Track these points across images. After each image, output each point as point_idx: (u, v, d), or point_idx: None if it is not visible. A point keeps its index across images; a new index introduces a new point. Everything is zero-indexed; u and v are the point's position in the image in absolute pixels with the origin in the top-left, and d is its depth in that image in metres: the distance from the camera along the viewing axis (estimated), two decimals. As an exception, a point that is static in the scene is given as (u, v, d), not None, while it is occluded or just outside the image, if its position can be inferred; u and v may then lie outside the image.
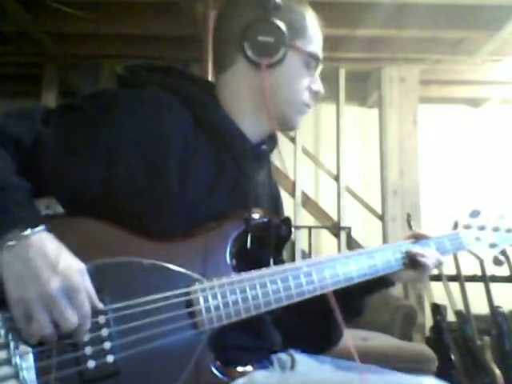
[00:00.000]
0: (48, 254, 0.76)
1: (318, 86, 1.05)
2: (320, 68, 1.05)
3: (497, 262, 1.25)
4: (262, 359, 0.97)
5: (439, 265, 1.11)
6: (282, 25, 0.97)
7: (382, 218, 4.04)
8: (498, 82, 4.49)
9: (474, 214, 1.22)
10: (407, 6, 3.39)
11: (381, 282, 1.09)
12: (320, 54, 1.04)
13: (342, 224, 4.03)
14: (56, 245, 0.78)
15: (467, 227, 1.20)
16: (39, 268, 0.75)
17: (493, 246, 1.21)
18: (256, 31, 0.97)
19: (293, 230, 1.04)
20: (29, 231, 0.76)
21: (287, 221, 1.03)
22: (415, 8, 3.39)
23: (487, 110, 4.94)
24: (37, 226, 0.78)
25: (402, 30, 3.57)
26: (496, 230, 1.21)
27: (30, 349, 0.75)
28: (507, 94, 4.63)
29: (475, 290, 3.32)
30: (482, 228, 1.20)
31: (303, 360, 1.02)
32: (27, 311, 0.74)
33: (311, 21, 1.03)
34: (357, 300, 1.10)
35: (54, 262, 0.75)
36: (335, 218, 4.10)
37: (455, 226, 1.21)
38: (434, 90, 4.63)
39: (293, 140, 4.07)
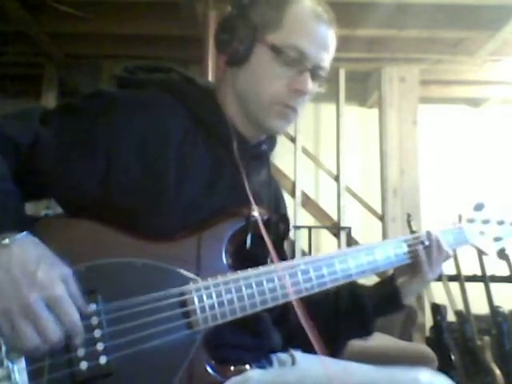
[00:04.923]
0: (27, 265, 0.73)
1: (299, 84, 0.94)
2: (309, 63, 0.95)
3: (501, 255, 1.22)
4: (260, 359, 0.97)
5: (445, 259, 1.10)
6: (245, 21, 0.95)
7: (382, 218, 4.03)
8: (498, 81, 4.49)
9: (478, 207, 1.19)
10: (407, 6, 3.39)
11: (392, 305, 1.12)
12: (305, 47, 0.93)
13: (342, 224, 4.03)
14: (38, 252, 0.76)
15: (471, 221, 1.17)
16: (18, 280, 0.72)
17: (497, 239, 1.18)
18: (220, 29, 0.98)
19: (291, 228, 1.04)
20: (9, 240, 0.74)
21: (285, 218, 1.03)
22: (415, 8, 3.39)
23: (487, 110, 4.94)
24: (20, 231, 0.76)
25: (402, 30, 3.57)
26: (501, 223, 1.17)
27: None
28: (507, 94, 4.63)
29: (475, 290, 3.32)
30: (486, 222, 1.17)
31: (304, 359, 1.02)
32: (12, 324, 0.72)
33: (295, 13, 0.95)
34: (371, 321, 1.12)
35: (33, 273, 0.73)
36: (335, 218, 4.10)
37: (459, 219, 1.18)
38: (434, 90, 4.63)
39: (293, 140, 4.06)
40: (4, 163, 0.84)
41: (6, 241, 0.74)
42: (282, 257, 1.03)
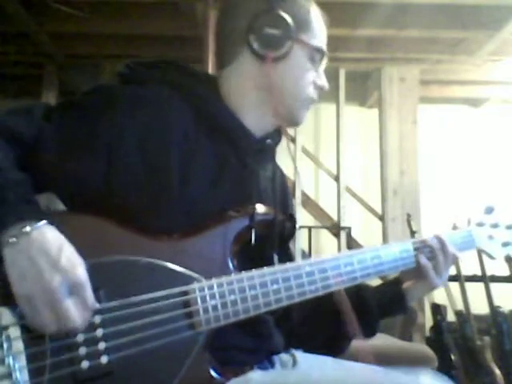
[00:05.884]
0: (49, 251, 0.75)
1: (323, 81, 1.04)
2: (324, 63, 1.04)
3: (509, 260, 1.20)
4: (262, 360, 0.96)
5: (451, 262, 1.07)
6: (288, 17, 0.96)
7: (382, 218, 4.03)
8: (498, 82, 4.49)
9: (488, 210, 1.16)
10: (407, 6, 3.39)
11: (397, 307, 1.12)
12: (325, 48, 1.03)
13: (342, 224, 4.03)
14: (58, 239, 0.77)
15: (480, 225, 1.15)
16: (41, 266, 0.74)
17: (505, 244, 1.15)
18: (262, 23, 0.96)
19: (297, 227, 1.04)
20: (29, 228, 0.76)
21: (291, 218, 1.02)
22: (415, 8, 3.39)
23: (487, 110, 4.94)
24: (38, 220, 0.77)
25: (402, 30, 3.57)
26: (509, 227, 1.15)
27: (23, 349, 0.75)
28: (507, 94, 4.63)
29: (475, 290, 3.32)
30: (495, 226, 1.15)
31: (305, 359, 1.01)
32: (33, 308, 0.74)
33: (315, 15, 1.02)
34: (375, 321, 1.13)
35: (56, 259, 0.75)
36: (335, 218, 4.10)
37: (468, 222, 1.16)
38: (434, 90, 4.63)
39: (293, 140, 4.06)
40: (13, 155, 0.85)
41: (27, 228, 0.76)
42: (288, 257, 1.02)
